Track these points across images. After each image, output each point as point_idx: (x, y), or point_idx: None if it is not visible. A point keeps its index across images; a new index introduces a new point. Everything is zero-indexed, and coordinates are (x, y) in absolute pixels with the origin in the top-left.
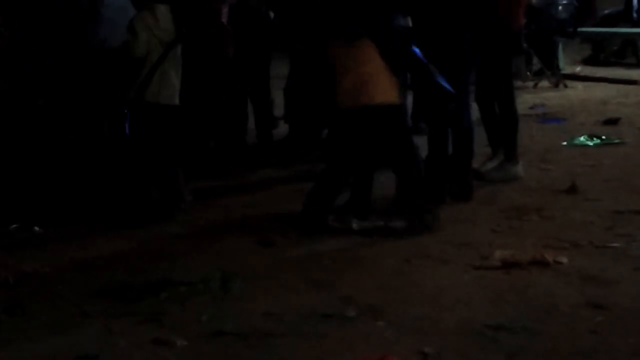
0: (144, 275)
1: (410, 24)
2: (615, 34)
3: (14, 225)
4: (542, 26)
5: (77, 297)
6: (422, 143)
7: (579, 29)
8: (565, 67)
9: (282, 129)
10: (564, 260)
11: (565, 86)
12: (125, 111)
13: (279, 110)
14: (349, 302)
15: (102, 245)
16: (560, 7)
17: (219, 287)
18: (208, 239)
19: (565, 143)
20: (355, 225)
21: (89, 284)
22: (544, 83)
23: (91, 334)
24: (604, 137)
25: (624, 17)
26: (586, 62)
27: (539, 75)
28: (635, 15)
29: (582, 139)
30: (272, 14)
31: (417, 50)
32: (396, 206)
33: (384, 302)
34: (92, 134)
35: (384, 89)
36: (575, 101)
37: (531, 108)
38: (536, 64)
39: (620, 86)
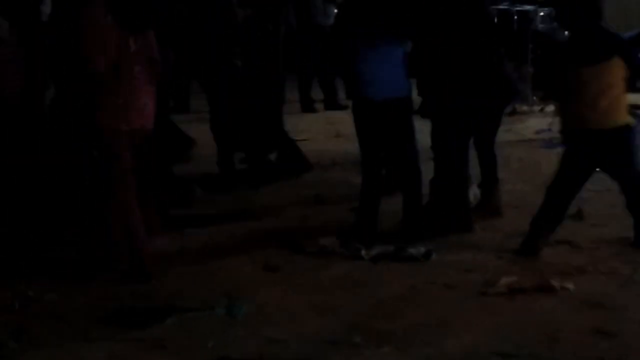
0: (149, 300)
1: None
2: None
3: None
4: (548, 51)
5: (82, 322)
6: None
7: None
8: None
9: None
10: (570, 286)
11: None
12: None
13: None
14: (354, 328)
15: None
16: (566, 32)
17: (225, 313)
18: (214, 264)
19: None
20: (364, 253)
21: (94, 309)
22: (551, 107)
23: None
24: None
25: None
26: None
27: (545, 99)
28: None
29: None
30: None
31: None
32: (407, 231)
33: (390, 329)
34: None
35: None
36: None
37: (537, 132)
38: None
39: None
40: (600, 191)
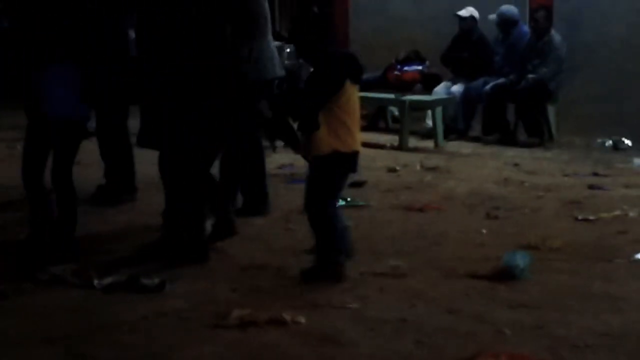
0: None
1: None
2: (368, 98)
3: None
4: (293, 87)
5: None
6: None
7: None
8: None
9: None
10: (302, 320)
11: None
12: None
13: None
14: (82, 358)
15: None
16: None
17: None
18: None
19: None
20: (96, 282)
21: None
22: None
23: None
24: (349, 199)
25: (379, 83)
26: None
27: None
28: None
29: None
30: None
31: None
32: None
33: None
34: None
35: None
36: None
37: (280, 168)
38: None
39: (370, 150)
40: None
